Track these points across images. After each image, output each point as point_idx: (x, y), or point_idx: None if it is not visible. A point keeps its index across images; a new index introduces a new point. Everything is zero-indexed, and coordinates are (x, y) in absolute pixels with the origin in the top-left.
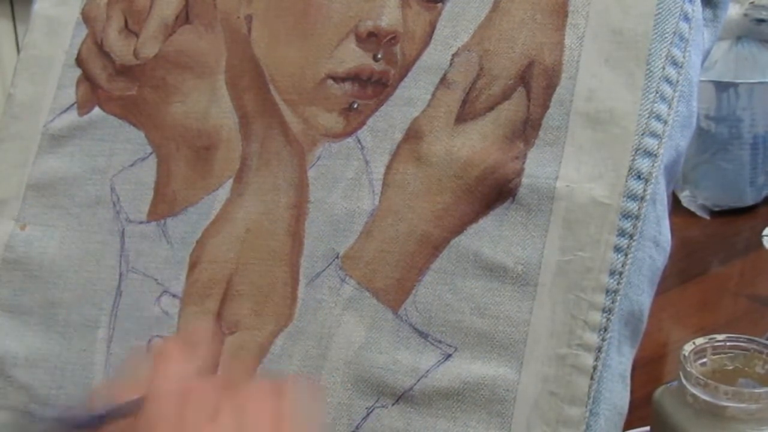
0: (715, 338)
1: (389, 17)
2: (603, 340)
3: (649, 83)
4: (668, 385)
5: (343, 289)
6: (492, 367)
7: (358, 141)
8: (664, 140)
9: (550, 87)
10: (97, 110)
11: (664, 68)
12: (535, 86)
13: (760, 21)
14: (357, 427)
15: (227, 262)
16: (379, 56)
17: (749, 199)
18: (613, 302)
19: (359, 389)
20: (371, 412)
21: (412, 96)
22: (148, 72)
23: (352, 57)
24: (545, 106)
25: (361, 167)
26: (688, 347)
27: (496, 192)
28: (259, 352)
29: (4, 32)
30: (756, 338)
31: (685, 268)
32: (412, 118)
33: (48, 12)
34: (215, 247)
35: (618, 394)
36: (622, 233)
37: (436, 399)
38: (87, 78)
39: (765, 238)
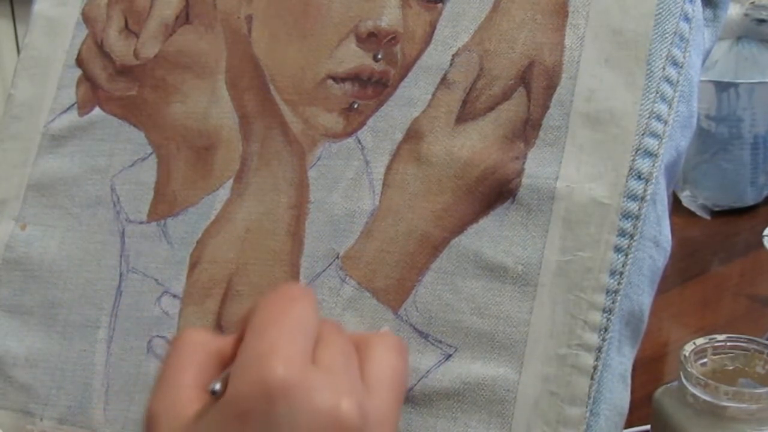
0: (715, 338)
1: (389, 17)
2: (603, 340)
3: (649, 83)
4: (668, 385)
5: (344, 290)
6: (492, 367)
7: (359, 141)
8: (664, 140)
9: (551, 87)
10: (97, 110)
11: (664, 68)
12: (536, 86)
13: (761, 21)
14: None
15: (227, 263)
16: (379, 56)
17: (750, 199)
18: (613, 302)
19: None
20: None
21: (413, 96)
22: (148, 72)
23: (352, 57)
24: (545, 107)
25: (361, 167)
26: (688, 347)
27: (496, 192)
28: None
29: (4, 32)
30: (756, 338)
31: (685, 268)
32: (413, 119)
33: (48, 12)
34: (215, 247)
35: (618, 394)
36: (622, 233)
37: (436, 399)
38: (87, 78)
39: (765, 238)
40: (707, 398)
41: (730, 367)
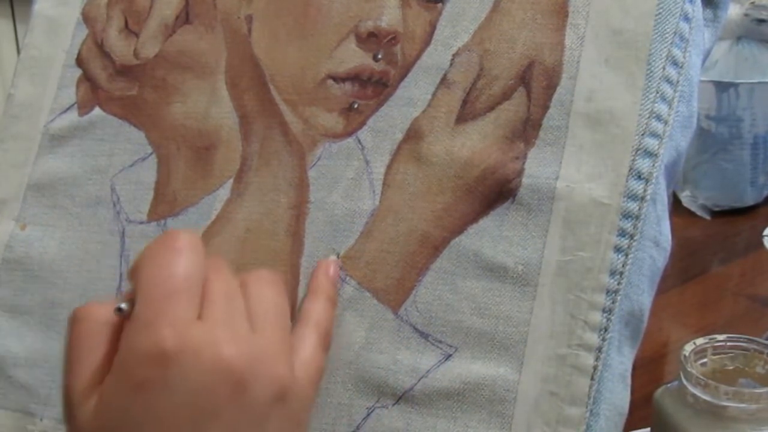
0: (715, 338)
1: (389, 17)
2: (603, 340)
3: (649, 83)
4: (668, 385)
5: (344, 290)
6: (492, 367)
7: (359, 141)
8: (664, 140)
9: (551, 87)
10: (97, 110)
11: (664, 68)
12: (536, 86)
13: (761, 21)
14: (357, 428)
15: (228, 263)
16: (379, 56)
17: (749, 199)
18: (613, 302)
19: (359, 389)
20: (372, 412)
21: (413, 96)
22: (148, 72)
23: (352, 57)
24: (545, 107)
25: (361, 167)
26: (688, 347)
27: (496, 192)
28: None
29: (4, 32)
30: (756, 338)
31: (685, 268)
32: (413, 118)
33: (48, 12)
34: (215, 247)
35: (618, 395)
36: (622, 233)
37: (436, 399)
38: (87, 78)
39: (765, 238)
40: (707, 398)
41: (730, 367)
